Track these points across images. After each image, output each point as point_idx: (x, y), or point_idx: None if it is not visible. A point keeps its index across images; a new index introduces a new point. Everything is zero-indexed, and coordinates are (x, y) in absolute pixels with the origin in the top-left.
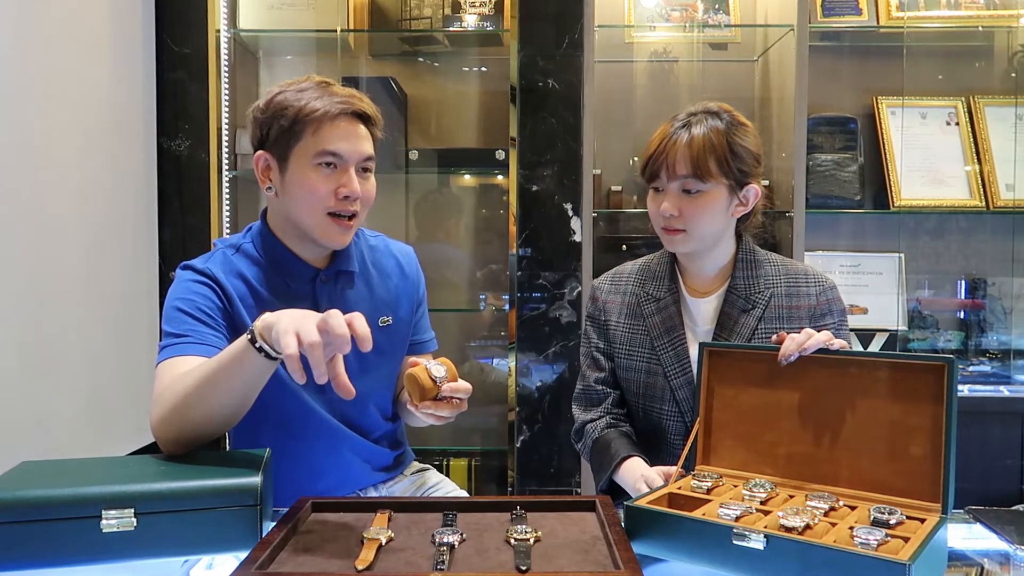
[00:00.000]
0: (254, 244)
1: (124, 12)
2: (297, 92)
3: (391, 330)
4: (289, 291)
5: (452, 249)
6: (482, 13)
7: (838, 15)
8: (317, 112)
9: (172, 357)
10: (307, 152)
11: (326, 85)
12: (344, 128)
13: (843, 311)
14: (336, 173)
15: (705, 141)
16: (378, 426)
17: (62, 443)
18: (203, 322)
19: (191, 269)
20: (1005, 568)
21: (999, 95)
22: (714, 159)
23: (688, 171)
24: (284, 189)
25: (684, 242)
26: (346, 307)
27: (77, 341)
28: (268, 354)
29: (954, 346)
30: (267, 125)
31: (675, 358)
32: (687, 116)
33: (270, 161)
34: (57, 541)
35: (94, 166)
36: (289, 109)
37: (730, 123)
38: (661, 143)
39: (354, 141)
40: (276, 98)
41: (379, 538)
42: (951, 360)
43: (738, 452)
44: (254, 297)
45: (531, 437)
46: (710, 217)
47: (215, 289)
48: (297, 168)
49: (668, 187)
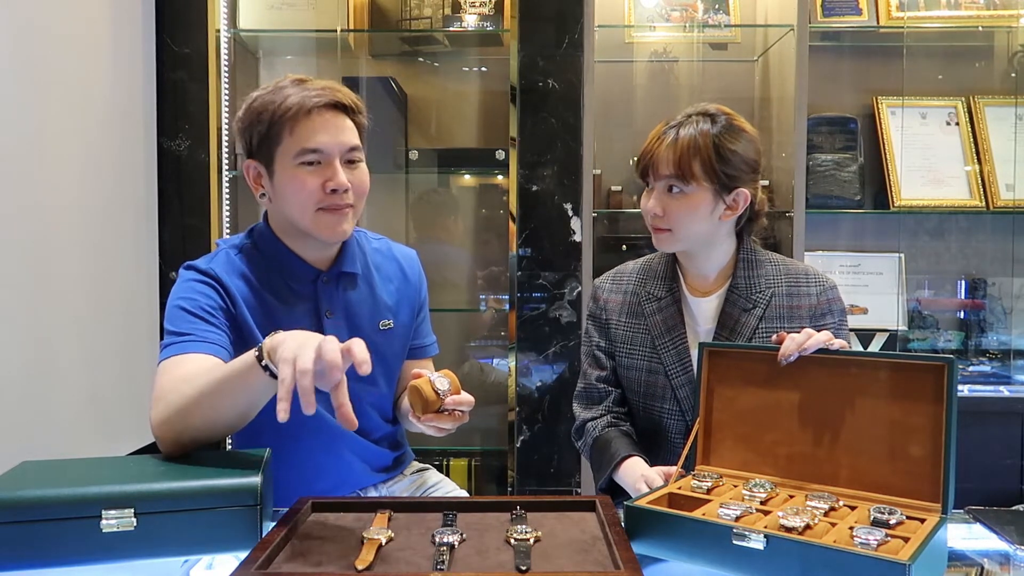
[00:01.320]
0: (256, 245)
1: (124, 12)
2: (271, 94)
3: (391, 334)
4: (291, 292)
5: (452, 249)
6: (482, 13)
7: (838, 15)
8: (291, 110)
9: (174, 356)
10: (288, 153)
11: (300, 82)
12: (321, 122)
13: (843, 311)
14: (321, 168)
15: (690, 143)
16: (378, 427)
17: (62, 443)
18: (206, 321)
19: (194, 269)
20: (1005, 568)
21: (999, 95)
22: (698, 161)
23: (671, 171)
24: (275, 193)
25: (670, 241)
26: (347, 309)
27: (77, 341)
28: (273, 373)
29: (954, 346)
30: (248, 133)
31: (676, 357)
32: (682, 117)
33: (259, 168)
34: (57, 541)
35: (94, 166)
36: (264, 112)
37: (724, 127)
38: (651, 142)
39: (334, 133)
40: (253, 104)
41: (379, 538)
42: (951, 360)
43: (738, 452)
44: (256, 298)
45: (531, 437)
46: (693, 218)
47: (218, 289)
48: (282, 170)
49: (655, 186)
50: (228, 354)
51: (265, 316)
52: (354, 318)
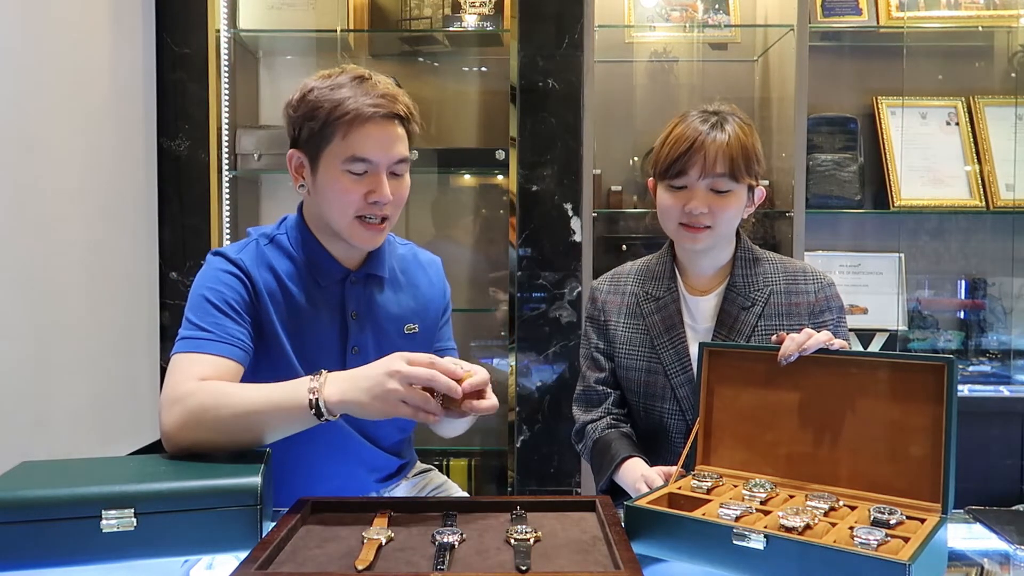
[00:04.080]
0: (288, 236)
1: (124, 12)
2: (330, 90)
3: (416, 338)
4: (318, 289)
5: (452, 249)
6: (482, 13)
7: (838, 15)
8: (348, 115)
9: (191, 352)
10: (337, 156)
11: (361, 80)
12: (376, 131)
13: (841, 308)
14: (367, 177)
15: (740, 142)
16: (389, 436)
17: (62, 443)
18: (228, 316)
19: (223, 257)
20: (1005, 568)
21: (999, 95)
22: (744, 160)
23: (725, 170)
24: (315, 189)
25: (710, 239)
26: (373, 311)
27: (77, 341)
28: (329, 419)
29: (954, 346)
30: (299, 124)
31: (675, 356)
32: (714, 116)
33: (303, 159)
34: (57, 541)
35: (94, 166)
36: (320, 110)
37: (747, 124)
38: (693, 141)
39: (386, 145)
40: (308, 96)
41: (379, 538)
42: (951, 360)
43: (738, 452)
44: (282, 293)
45: (531, 437)
46: (736, 216)
47: (244, 282)
48: (327, 171)
49: (697, 185)
50: (246, 355)
51: (289, 312)
52: (380, 321)
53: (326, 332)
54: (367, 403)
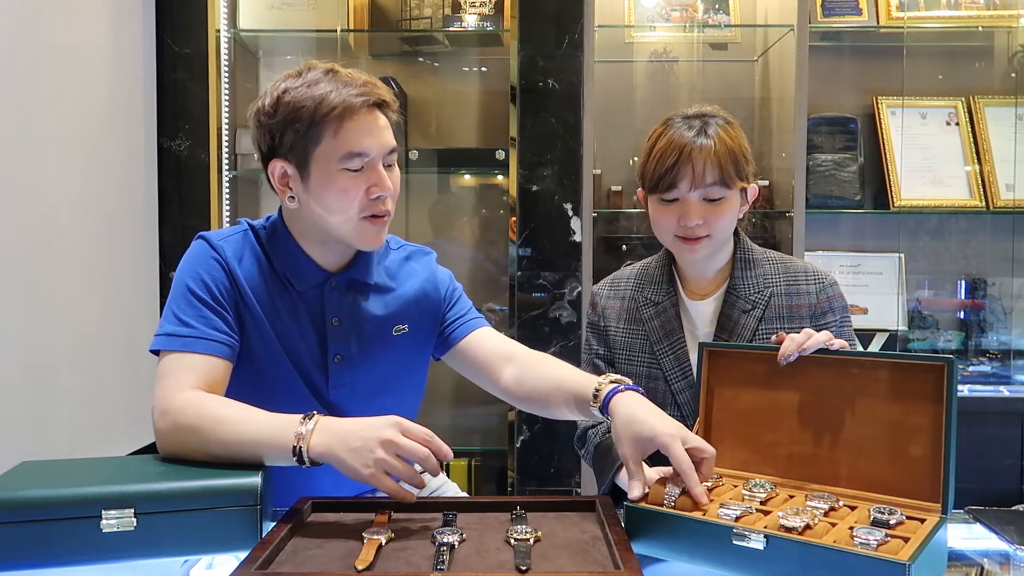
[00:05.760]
0: (267, 235)
1: (124, 12)
2: (307, 87)
3: (407, 338)
4: (296, 292)
5: (452, 249)
6: (482, 13)
7: (838, 15)
8: (336, 110)
9: (181, 353)
10: (330, 155)
11: (334, 73)
12: (366, 122)
13: (845, 307)
14: (364, 172)
15: (725, 147)
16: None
17: (62, 443)
18: (211, 308)
19: (206, 242)
20: (1005, 568)
21: (999, 95)
22: (733, 164)
23: (715, 179)
24: (310, 197)
25: (706, 247)
26: (356, 316)
27: (77, 341)
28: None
29: (954, 346)
30: (279, 130)
31: (675, 362)
32: (698, 121)
33: (287, 169)
34: (57, 541)
35: (94, 166)
36: (303, 110)
37: (730, 124)
38: (680, 152)
39: (378, 134)
40: (284, 98)
41: (379, 538)
42: (951, 360)
43: (738, 452)
44: (264, 286)
45: (531, 437)
46: (729, 222)
47: (225, 269)
48: (321, 173)
49: (688, 196)
50: (233, 351)
51: (268, 308)
52: (364, 324)
53: (306, 339)
54: (349, 464)
